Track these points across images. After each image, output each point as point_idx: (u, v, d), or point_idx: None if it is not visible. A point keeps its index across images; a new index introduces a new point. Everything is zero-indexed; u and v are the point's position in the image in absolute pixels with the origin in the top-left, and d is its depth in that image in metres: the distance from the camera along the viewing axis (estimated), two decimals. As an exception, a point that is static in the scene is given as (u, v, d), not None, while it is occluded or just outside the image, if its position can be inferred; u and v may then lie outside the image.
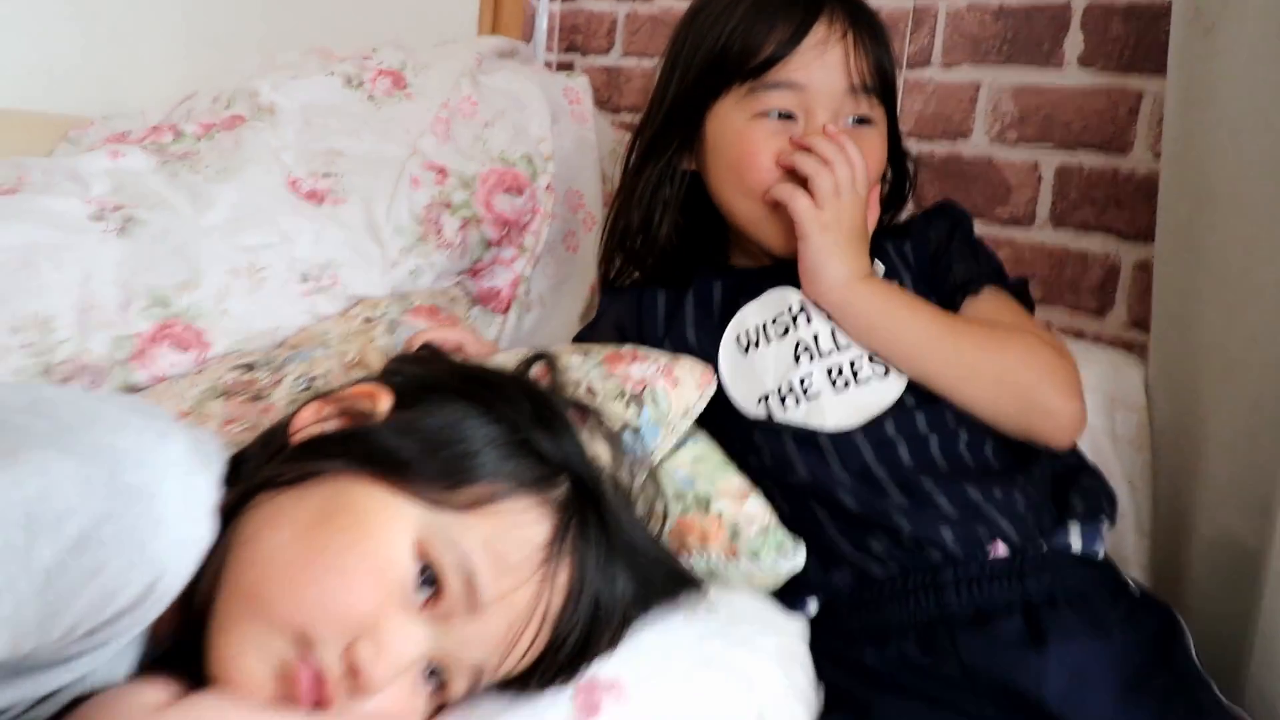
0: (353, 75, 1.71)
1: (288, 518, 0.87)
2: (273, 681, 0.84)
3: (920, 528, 1.18)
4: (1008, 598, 1.15)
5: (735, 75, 1.30)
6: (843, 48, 1.28)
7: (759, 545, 1.19)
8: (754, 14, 1.29)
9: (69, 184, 1.45)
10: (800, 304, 1.29)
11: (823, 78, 1.28)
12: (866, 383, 1.24)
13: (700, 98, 1.33)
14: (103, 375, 1.30)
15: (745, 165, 1.30)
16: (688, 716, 1.00)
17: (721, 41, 1.31)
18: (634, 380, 1.22)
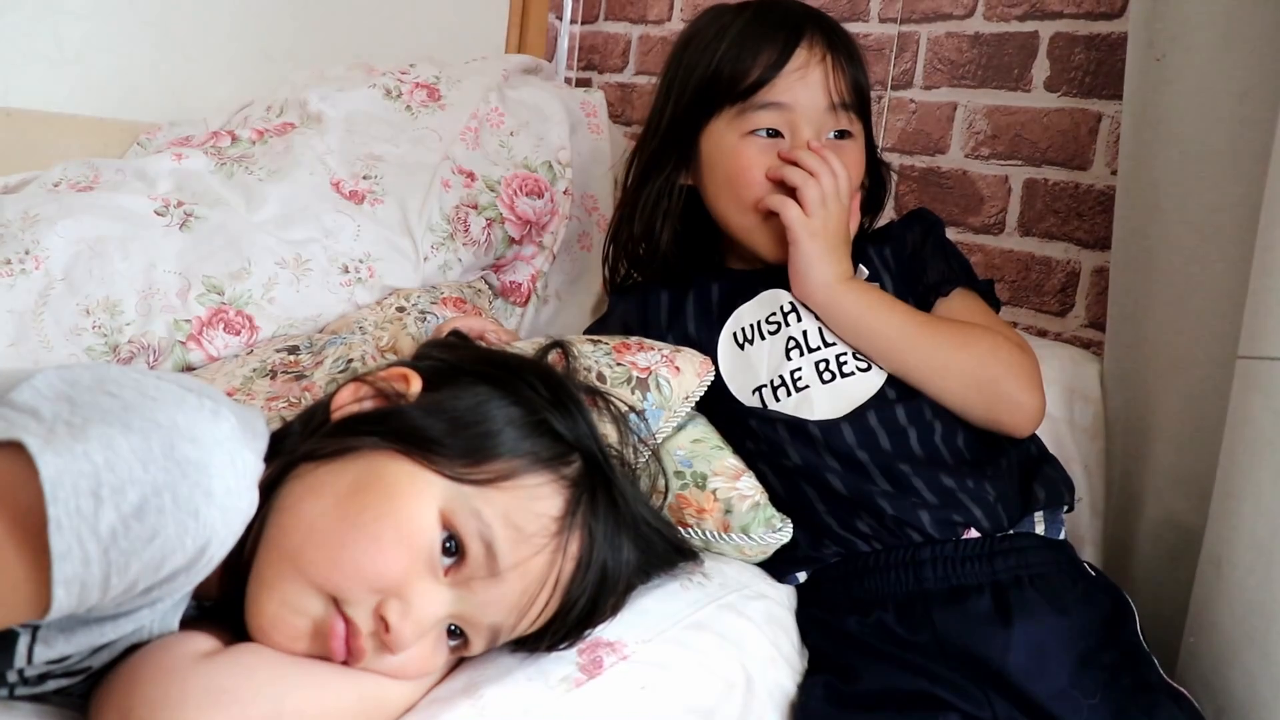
0: (392, 88, 1.71)
1: (327, 488, 0.88)
2: (308, 635, 0.85)
3: (901, 510, 1.18)
4: (978, 577, 1.16)
5: (726, 98, 1.30)
6: (822, 69, 1.28)
7: (750, 521, 1.19)
8: (740, 41, 1.30)
9: (137, 183, 1.46)
10: (791, 303, 1.29)
11: (806, 97, 1.28)
12: (850, 376, 1.25)
13: (694, 119, 1.33)
14: (162, 354, 1.32)
15: (739, 180, 1.30)
16: (682, 674, 1.00)
17: (713, 67, 1.31)
18: (640, 367, 1.22)
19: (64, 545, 0.67)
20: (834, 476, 1.21)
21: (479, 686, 0.91)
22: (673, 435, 1.26)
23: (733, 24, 1.32)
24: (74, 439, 0.69)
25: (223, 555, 0.77)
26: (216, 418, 0.76)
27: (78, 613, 0.72)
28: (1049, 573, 1.17)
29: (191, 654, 0.83)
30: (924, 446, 1.22)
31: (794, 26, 1.30)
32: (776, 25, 1.30)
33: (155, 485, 0.70)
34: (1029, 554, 1.17)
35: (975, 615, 1.13)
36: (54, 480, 0.66)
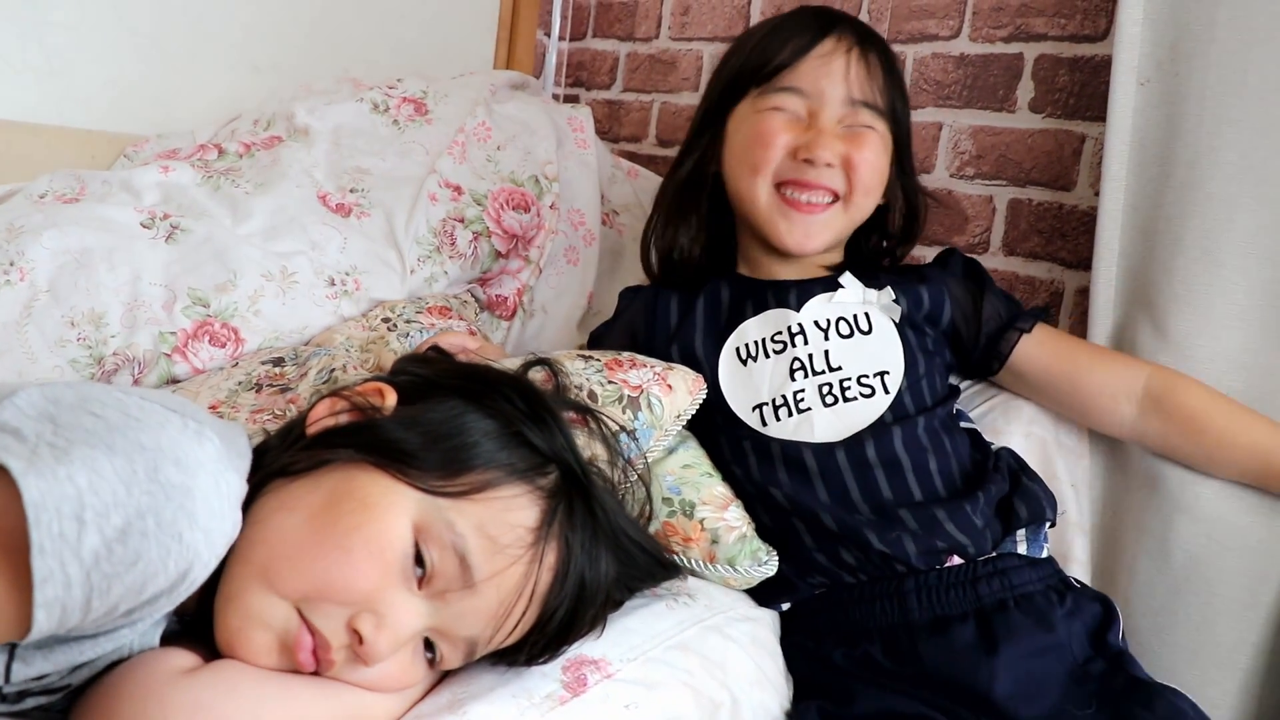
0: (379, 102, 1.71)
1: (300, 501, 0.87)
2: (274, 649, 0.85)
3: (887, 544, 1.17)
4: (963, 605, 1.16)
5: (751, 81, 1.33)
6: (845, 61, 1.29)
7: (736, 552, 1.19)
8: (773, 33, 1.34)
9: (123, 194, 1.46)
10: (799, 324, 1.29)
11: (825, 85, 1.29)
12: (854, 401, 1.25)
13: (724, 104, 1.36)
14: (147, 367, 1.31)
15: (758, 145, 1.30)
16: (666, 694, 1.00)
17: (744, 58, 1.35)
18: (632, 385, 1.22)
19: (46, 569, 0.66)
20: (824, 512, 1.20)
21: (463, 703, 0.90)
22: (664, 458, 1.25)
23: (772, 22, 1.37)
24: (57, 461, 0.68)
25: (205, 577, 0.77)
26: (200, 439, 0.76)
27: (58, 633, 0.71)
28: (1033, 592, 1.17)
29: (172, 670, 0.82)
30: (918, 476, 1.22)
31: (828, 20, 1.33)
32: (810, 18, 1.34)
33: (139, 509, 0.70)
34: (1012, 575, 1.17)
35: (960, 646, 1.13)
36: (37, 504, 0.66)
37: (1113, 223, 1.38)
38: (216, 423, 0.83)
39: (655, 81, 2.22)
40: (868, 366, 1.27)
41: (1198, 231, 1.29)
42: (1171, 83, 1.31)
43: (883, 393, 1.25)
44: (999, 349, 1.35)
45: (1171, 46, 1.31)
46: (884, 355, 1.28)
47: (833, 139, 1.28)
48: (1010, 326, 1.34)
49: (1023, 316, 1.35)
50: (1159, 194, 1.33)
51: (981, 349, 1.35)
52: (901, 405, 1.25)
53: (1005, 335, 1.34)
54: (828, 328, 1.29)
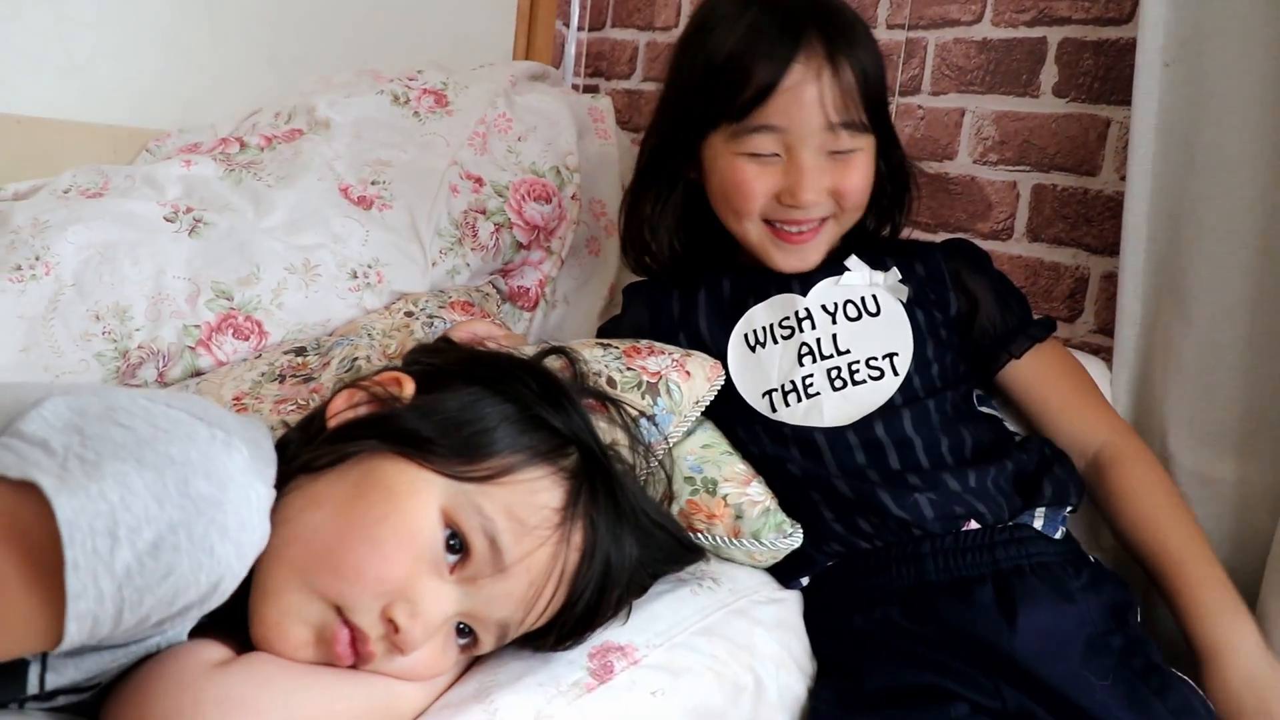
0: (400, 94, 1.71)
1: (326, 496, 0.87)
2: (312, 643, 0.85)
3: (905, 509, 1.17)
4: (980, 568, 1.15)
5: (722, 114, 1.25)
6: (817, 87, 1.21)
7: (760, 526, 1.19)
8: (740, 45, 1.23)
9: (146, 189, 1.46)
10: (806, 309, 1.28)
11: (800, 119, 1.22)
12: (862, 384, 1.24)
13: (696, 125, 1.29)
14: (171, 360, 1.31)
15: (739, 196, 1.27)
16: (693, 679, 1.00)
17: (712, 69, 1.25)
18: (650, 372, 1.22)
19: (79, 585, 0.66)
20: (838, 481, 1.20)
21: (490, 692, 0.90)
22: (682, 440, 1.25)
23: (738, 18, 1.25)
24: (88, 477, 0.68)
25: (234, 588, 0.77)
26: (229, 449, 0.76)
27: (88, 643, 0.71)
28: (1050, 562, 1.16)
29: (203, 663, 0.83)
30: (929, 454, 1.22)
31: (794, 32, 1.22)
32: (776, 30, 1.22)
33: (171, 523, 0.70)
34: (1029, 545, 1.17)
35: (979, 604, 1.13)
36: (70, 522, 0.66)
37: (1140, 207, 1.37)
38: (241, 425, 0.83)
39: (676, 71, 2.21)
40: (876, 349, 1.26)
41: (1222, 213, 1.28)
42: (1195, 63, 1.29)
43: (891, 374, 1.25)
44: (987, 365, 1.33)
45: (1195, 26, 1.30)
46: (892, 337, 1.27)
47: (815, 175, 1.24)
48: (1003, 343, 1.32)
49: (1020, 335, 1.32)
50: (1185, 177, 1.32)
51: (971, 358, 1.33)
52: (910, 387, 1.24)
53: (996, 353, 1.32)
54: (835, 311, 1.28)
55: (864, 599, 1.19)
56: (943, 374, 1.28)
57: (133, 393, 0.80)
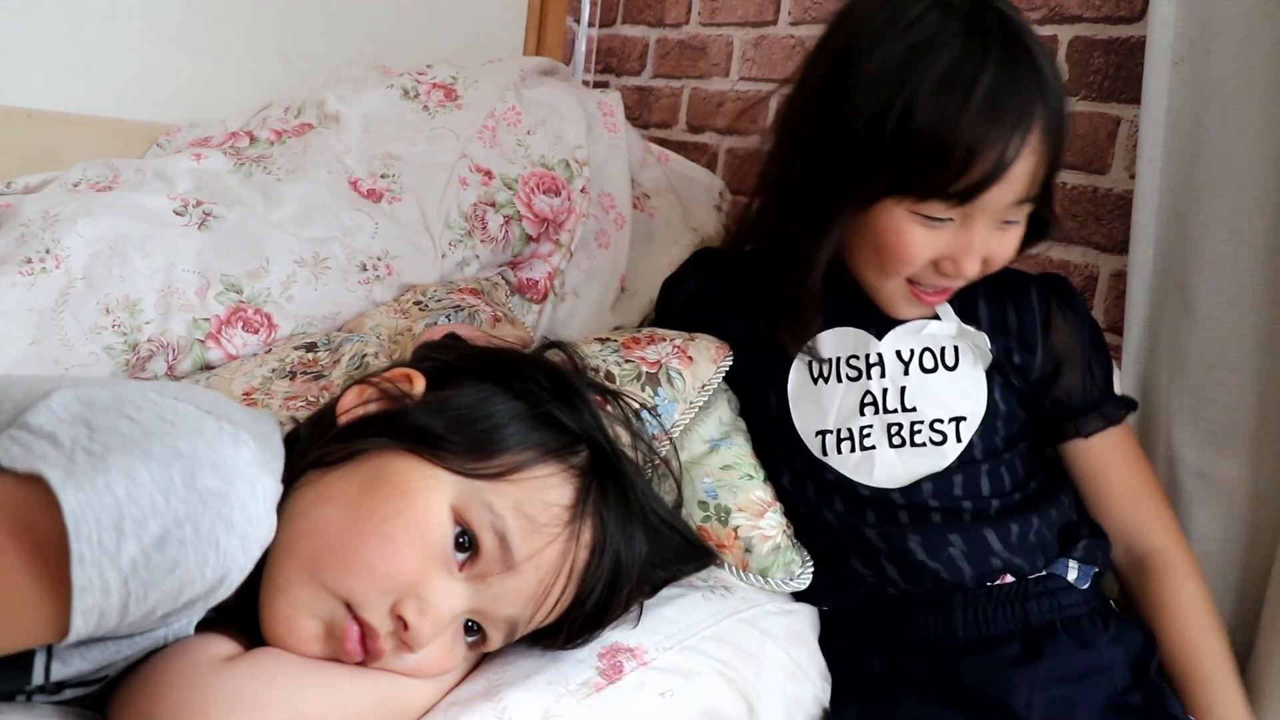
0: (409, 88, 1.70)
1: (337, 491, 0.87)
2: (322, 639, 0.85)
3: (940, 563, 1.15)
4: (1009, 624, 1.14)
5: (918, 189, 1.07)
6: (1030, 168, 1.07)
7: (769, 564, 1.17)
8: (964, 132, 1.03)
9: (157, 182, 1.45)
10: (879, 355, 1.20)
11: (998, 197, 1.07)
12: (921, 447, 1.18)
13: (874, 180, 1.09)
14: (181, 353, 1.30)
15: (897, 260, 1.12)
16: (701, 683, 0.99)
17: (920, 143, 1.05)
18: (649, 362, 1.21)
19: (85, 578, 0.66)
20: (872, 534, 1.17)
21: (499, 690, 0.90)
22: (705, 454, 1.22)
23: (951, 81, 1.04)
24: (94, 470, 0.68)
25: (240, 582, 0.76)
26: (237, 443, 0.75)
27: (94, 635, 0.71)
28: (1079, 614, 1.15)
29: (211, 658, 0.82)
30: (974, 513, 1.17)
31: (1024, 117, 1.05)
32: (1006, 114, 1.04)
33: (177, 517, 0.69)
34: (1060, 596, 1.15)
35: (1002, 660, 1.12)
36: (77, 515, 0.66)
37: (1148, 205, 1.36)
38: (249, 418, 0.82)
39: (685, 67, 2.20)
40: (944, 410, 1.18)
41: (1227, 211, 1.27)
42: (1203, 61, 1.29)
43: (954, 441, 1.18)
44: (1049, 431, 1.24)
45: (1203, 25, 1.29)
46: (965, 398, 1.19)
47: (981, 245, 1.11)
48: (1072, 418, 1.22)
49: (1093, 412, 1.22)
50: (1192, 175, 1.31)
51: (1037, 417, 1.24)
52: (970, 453, 1.18)
53: (1064, 424, 1.23)
54: (910, 360, 1.20)
55: (886, 643, 1.18)
56: (1006, 438, 1.21)
57: (141, 386, 0.80)
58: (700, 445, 1.23)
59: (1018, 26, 1.08)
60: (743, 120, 2.08)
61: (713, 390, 1.24)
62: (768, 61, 2.04)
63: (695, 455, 1.22)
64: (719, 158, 2.12)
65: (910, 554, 1.15)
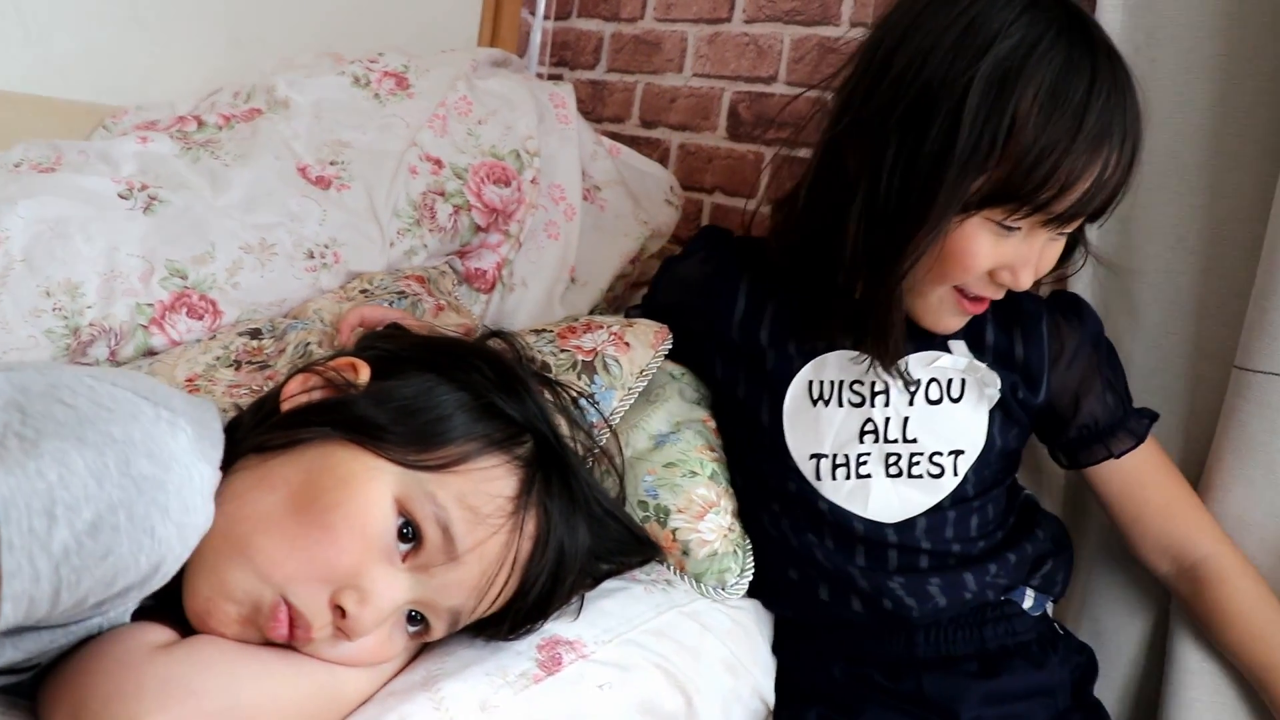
0: (360, 75, 1.68)
1: (279, 479, 0.86)
2: (245, 621, 0.84)
3: (917, 600, 1.14)
4: (968, 646, 1.14)
5: (1017, 202, 1.02)
6: (1109, 189, 1.03)
7: (703, 570, 1.15)
8: (1068, 148, 0.99)
9: (101, 165, 1.42)
10: (885, 384, 1.16)
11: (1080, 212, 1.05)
12: (918, 479, 1.15)
13: (973, 197, 1.02)
14: (124, 338, 1.28)
15: (961, 266, 1.06)
16: (640, 676, 0.99)
17: (1025, 155, 0.99)
18: (585, 350, 1.20)
19: (14, 564, 0.65)
20: (857, 572, 1.15)
21: (437, 680, 0.89)
22: (650, 449, 1.20)
23: (1065, 93, 0.99)
24: (26, 455, 0.67)
25: (176, 569, 0.76)
26: (174, 429, 0.74)
27: (25, 624, 0.70)
28: (1030, 640, 1.16)
29: (145, 645, 0.81)
30: (960, 556, 1.16)
31: (1125, 140, 1.01)
32: (1112, 137, 1.00)
33: (110, 503, 0.68)
34: (1015, 622, 1.16)
35: (962, 674, 1.13)
36: (7, 500, 0.64)
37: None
38: (188, 405, 0.81)
39: (639, 62, 2.19)
40: (944, 443, 1.15)
41: (1171, 218, 1.28)
42: (1149, 68, 1.29)
43: (951, 475, 1.15)
44: (1077, 455, 1.21)
45: (1149, 32, 1.29)
46: (965, 432, 1.16)
47: (1039, 256, 1.07)
48: (1100, 440, 1.19)
49: (1121, 430, 1.19)
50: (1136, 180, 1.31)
51: (1063, 442, 1.22)
52: (964, 490, 1.16)
53: (1091, 447, 1.20)
54: (915, 391, 1.16)
55: (848, 654, 1.18)
56: (996, 475, 1.19)
57: (78, 371, 0.78)
58: (645, 441, 1.22)
59: (1108, 36, 1.05)
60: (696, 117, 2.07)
61: (651, 375, 1.22)
62: (721, 58, 2.03)
63: (639, 451, 1.20)
64: (671, 153, 2.12)
65: (890, 592, 1.14)
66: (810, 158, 1.16)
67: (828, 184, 1.12)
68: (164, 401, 0.77)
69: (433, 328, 1.20)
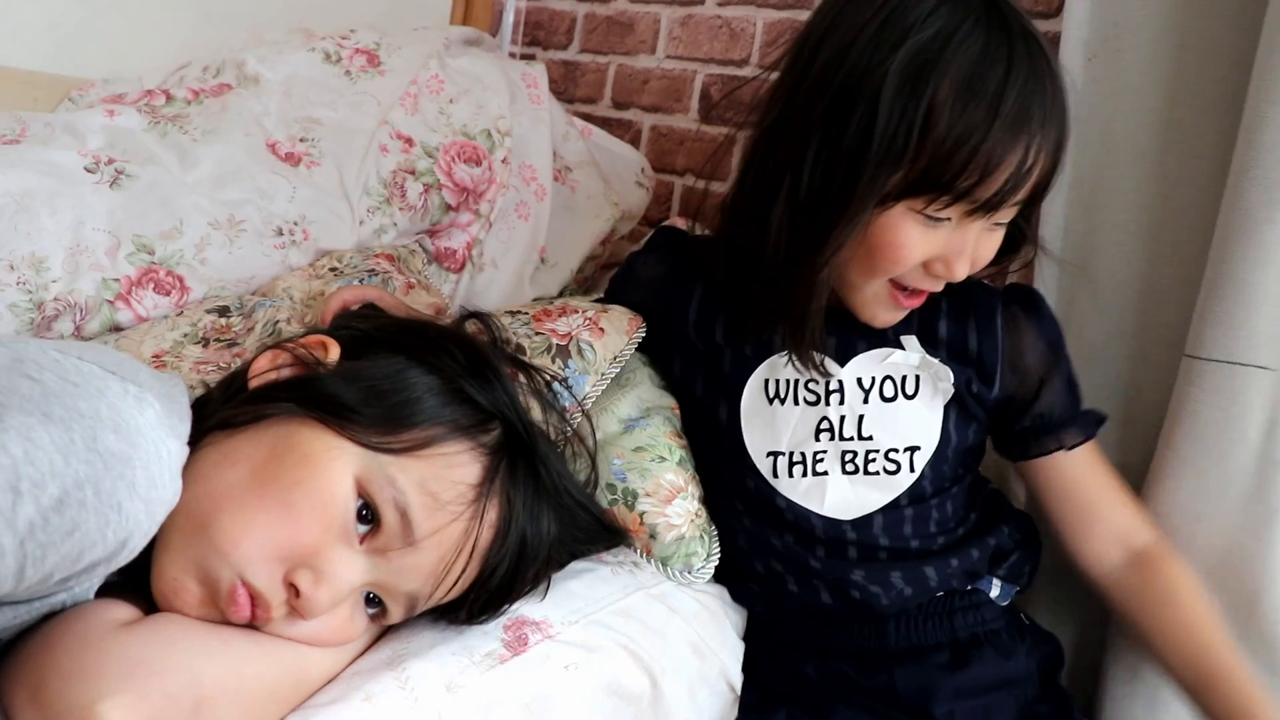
0: (332, 52, 1.67)
1: (242, 455, 0.85)
2: (208, 602, 0.83)
3: (882, 588, 1.15)
4: (939, 635, 1.15)
5: (938, 192, 1.01)
6: (1039, 173, 1.03)
7: (670, 553, 1.15)
8: (987, 141, 0.99)
9: (67, 137, 1.40)
10: (840, 382, 1.16)
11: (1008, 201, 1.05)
12: (874, 475, 1.16)
13: (894, 188, 1.03)
14: (89, 313, 1.27)
15: (891, 259, 1.06)
16: (606, 657, 1.00)
17: (943, 145, 0.99)
18: (560, 334, 1.20)
19: None
20: (818, 564, 1.16)
21: (403, 659, 0.89)
22: (620, 434, 1.20)
23: (982, 82, 0.99)
24: None
25: (143, 545, 0.75)
26: (141, 404, 0.74)
27: None
28: (999, 628, 1.17)
29: (109, 623, 0.80)
30: (920, 551, 1.16)
31: (1045, 124, 1.01)
32: (1031, 123, 1.00)
33: (77, 478, 0.67)
34: (983, 610, 1.17)
35: (933, 666, 1.14)
36: None
37: (1059, 196, 1.36)
38: (156, 381, 0.80)
39: (612, 43, 2.18)
40: (899, 439, 1.16)
41: (1132, 207, 1.29)
42: (1115, 58, 1.30)
43: (908, 471, 1.16)
44: (1027, 446, 1.21)
45: (1116, 23, 1.30)
46: (920, 428, 1.16)
47: (973, 246, 1.07)
48: (1050, 432, 1.19)
49: (1073, 426, 1.19)
50: (1102, 168, 1.33)
51: (1013, 434, 1.22)
52: (920, 486, 1.16)
53: (1041, 439, 1.20)
54: (870, 388, 1.16)
55: (820, 649, 1.18)
56: (954, 472, 1.20)
57: (44, 344, 0.77)
58: (615, 425, 1.21)
59: (1029, 23, 1.05)
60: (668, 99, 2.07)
61: (625, 361, 1.22)
62: (694, 41, 2.03)
63: (609, 435, 1.20)
64: (643, 134, 2.11)
65: (854, 584, 1.14)
66: (744, 151, 1.17)
67: (758, 177, 1.12)
68: (131, 376, 0.76)
69: (409, 308, 1.19)
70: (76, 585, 0.78)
